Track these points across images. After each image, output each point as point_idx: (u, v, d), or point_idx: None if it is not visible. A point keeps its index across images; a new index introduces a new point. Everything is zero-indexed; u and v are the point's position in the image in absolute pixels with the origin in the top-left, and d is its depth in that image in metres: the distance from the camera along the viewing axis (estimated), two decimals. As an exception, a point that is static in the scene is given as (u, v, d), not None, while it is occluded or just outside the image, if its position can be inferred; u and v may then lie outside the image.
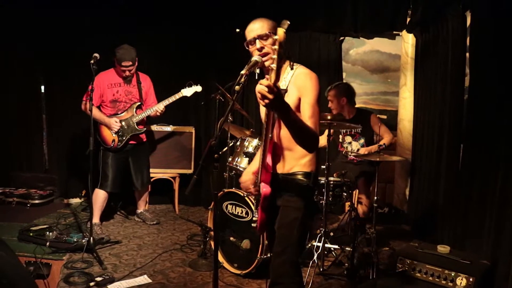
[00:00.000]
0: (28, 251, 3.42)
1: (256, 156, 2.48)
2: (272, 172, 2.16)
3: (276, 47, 1.58)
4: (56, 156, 5.39)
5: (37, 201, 4.84)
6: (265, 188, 2.12)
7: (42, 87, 5.39)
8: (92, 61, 3.53)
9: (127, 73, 4.17)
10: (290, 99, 2.03)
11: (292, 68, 2.09)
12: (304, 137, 1.91)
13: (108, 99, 4.22)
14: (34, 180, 5.19)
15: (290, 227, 2.09)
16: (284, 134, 2.09)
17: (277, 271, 2.10)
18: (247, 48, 2.14)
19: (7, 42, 5.07)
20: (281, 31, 1.59)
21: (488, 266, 2.97)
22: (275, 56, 1.59)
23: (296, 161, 2.13)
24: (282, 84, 2.07)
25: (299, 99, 2.05)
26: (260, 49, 2.07)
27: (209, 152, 1.86)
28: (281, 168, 2.17)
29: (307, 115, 2.02)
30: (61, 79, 5.20)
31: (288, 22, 1.67)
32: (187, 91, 4.39)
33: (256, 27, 2.10)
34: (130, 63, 4.11)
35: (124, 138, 4.23)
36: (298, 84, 2.05)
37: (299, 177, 2.13)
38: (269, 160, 2.13)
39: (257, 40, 2.08)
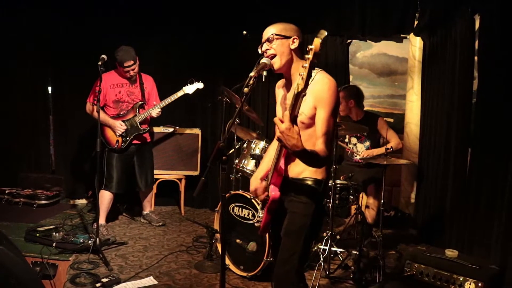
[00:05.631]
0: (35, 251, 3.44)
1: (263, 160, 2.45)
2: (284, 175, 2.15)
3: (310, 56, 1.58)
4: (62, 157, 5.41)
5: (43, 202, 4.85)
6: (274, 192, 2.11)
7: (49, 88, 5.41)
8: (100, 63, 3.55)
9: (131, 72, 4.17)
10: (307, 104, 1.98)
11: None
12: (314, 163, 1.98)
13: (110, 99, 4.23)
14: (41, 180, 5.22)
15: (297, 235, 2.06)
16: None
17: (281, 279, 2.10)
18: (261, 52, 2.15)
19: (16, 42, 5.10)
20: (317, 41, 1.58)
21: (497, 271, 2.94)
22: (306, 65, 1.59)
23: (307, 166, 2.09)
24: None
25: (315, 108, 1.99)
26: (265, 52, 2.09)
27: (217, 154, 1.86)
28: (291, 172, 2.14)
29: (320, 132, 1.96)
30: (69, 80, 5.21)
31: (326, 33, 1.67)
32: (189, 89, 4.37)
33: (267, 31, 2.12)
34: (132, 62, 4.12)
35: (128, 138, 4.23)
36: (315, 92, 1.97)
37: (309, 183, 2.08)
38: (282, 163, 2.12)
39: (264, 43, 2.10)
